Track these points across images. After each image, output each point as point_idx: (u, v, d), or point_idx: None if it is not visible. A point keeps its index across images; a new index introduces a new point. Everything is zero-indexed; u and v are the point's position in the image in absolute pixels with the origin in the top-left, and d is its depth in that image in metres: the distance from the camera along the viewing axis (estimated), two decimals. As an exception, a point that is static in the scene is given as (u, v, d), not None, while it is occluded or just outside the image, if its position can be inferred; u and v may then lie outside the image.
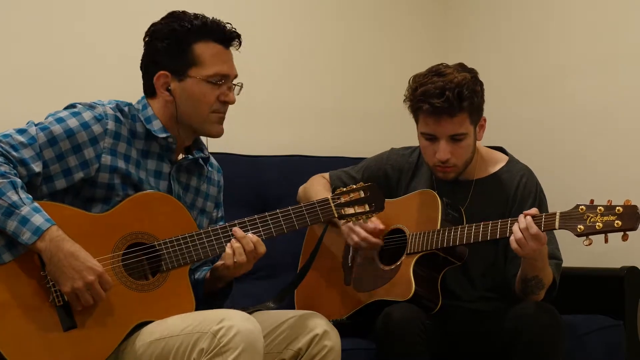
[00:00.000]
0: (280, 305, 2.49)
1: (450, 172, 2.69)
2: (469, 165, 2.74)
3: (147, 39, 2.35)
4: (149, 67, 2.35)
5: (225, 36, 2.33)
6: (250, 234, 2.29)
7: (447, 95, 2.56)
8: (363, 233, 2.70)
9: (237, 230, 2.28)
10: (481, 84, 2.67)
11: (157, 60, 2.32)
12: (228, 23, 2.36)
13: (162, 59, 2.31)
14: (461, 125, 2.61)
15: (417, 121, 2.70)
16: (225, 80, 2.33)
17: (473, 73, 2.66)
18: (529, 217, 2.43)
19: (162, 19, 2.35)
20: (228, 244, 2.27)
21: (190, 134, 2.39)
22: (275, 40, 3.58)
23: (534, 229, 2.41)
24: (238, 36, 2.36)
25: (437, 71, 2.63)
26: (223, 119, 2.37)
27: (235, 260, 2.27)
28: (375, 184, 2.50)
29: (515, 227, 2.44)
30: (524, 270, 2.58)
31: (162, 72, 2.31)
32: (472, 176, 2.76)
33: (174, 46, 2.29)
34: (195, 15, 2.32)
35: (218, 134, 2.38)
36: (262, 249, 2.30)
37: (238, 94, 2.38)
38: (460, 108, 2.58)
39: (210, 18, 2.33)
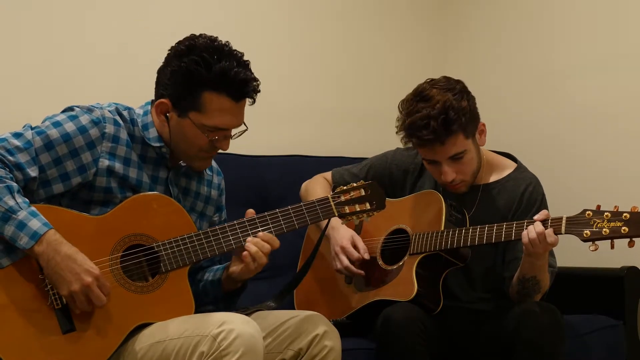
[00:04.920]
0: (281, 305, 2.49)
1: (461, 187, 2.70)
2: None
3: (169, 54, 2.30)
4: (158, 84, 2.32)
5: (240, 92, 2.27)
6: (261, 233, 2.29)
7: (432, 125, 2.54)
8: (345, 262, 2.71)
9: (262, 235, 2.29)
10: (468, 94, 2.64)
11: (166, 84, 2.28)
12: (254, 78, 2.28)
13: (170, 89, 2.27)
14: (457, 146, 2.60)
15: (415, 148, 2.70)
16: (222, 131, 2.30)
17: (457, 89, 2.62)
18: (550, 230, 2.42)
19: (188, 42, 2.26)
20: (245, 253, 2.27)
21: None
22: (275, 40, 3.58)
23: (553, 237, 2.42)
24: (254, 94, 2.30)
25: (421, 94, 2.61)
26: (211, 157, 2.37)
27: (256, 264, 2.28)
28: (380, 183, 2.50)
29: (531, 228, 2.44)
30: (523, 270, 2.57)
31: (164, 100, 2.29)
32: (480, 181, 2.76)
33: (183, 84, 2.25)
34: (219, 59, 2.23)
35: (201, 168, 2.40)
36: (277, 243, 2.31)
37: (237, 137, 2.35)
38: (448, 133, 2.57)
39: (235, 67, 2.24)
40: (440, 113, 2.55)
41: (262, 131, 3.47)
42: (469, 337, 2.66)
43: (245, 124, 2.34)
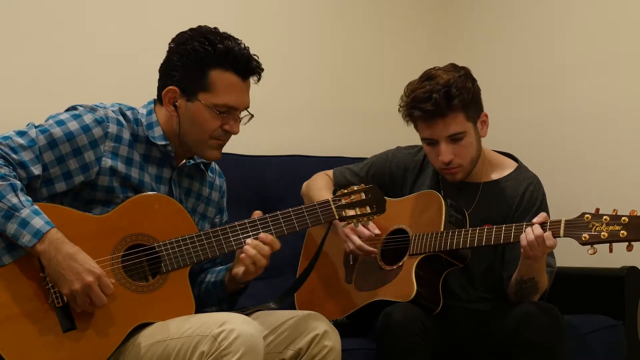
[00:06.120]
0: (281, 305, 2.49)
1: (457, 173, 2.69)
2: (477, 168, 2.74)
3: (171, 46, 2.33)
4: (163, 76, 2.33)
5: (246, 69, 2.31)
6: (262, 235, 2.30)
7: (435, 97, 2.57)
8: (358, 241, 2.71)
9: (263, 237, 2.29)
10: (473, 80, 2.67)
11: (172, 73, 2.30)
12: (255, 55, 2.32)
13: (177, 75, 2.29)
14: (457, 124, 2.61)
15: (415, 128, 2.70)
16: (232, 111, 2.31)
17: (463, 71, 2.65)
18: (548, 233, 2.42)
19: (191, 31, 2.32)
20: (244, 254, 2.27)
21: (188, 149, 2.38)
22: (275, 40, 3.59)
23: (551, 240, 2.42)
24: (259, 71, 2.33)
25: (427, 75, 2.64)
26: (222, 145, 2.36)
27: (255, 267, 2.28)
28: (380, 182, 2.52)
29: (529, 231, 2.44)
30: (521, 272, 2.58)
31: (172, 87, 2.30)
32: (480, 179, 2.76)
33: (191, 66, 2.27)
34: (222, 39, 2.28)
35: (213, 158, 2.38)
36: (277, 245, 2.31)
37: (246, 123, 2.37)
38: (450, 107, 2.58)
39: (237, 46, 2.29)
40: (443, 87, 2.58)
41: (262, 131, 3.48)
42: (469, 337, 2.66)
43: (249, 112, 2.35)
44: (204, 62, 2.26)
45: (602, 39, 3.45)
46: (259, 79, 2.35)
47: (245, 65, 2.30)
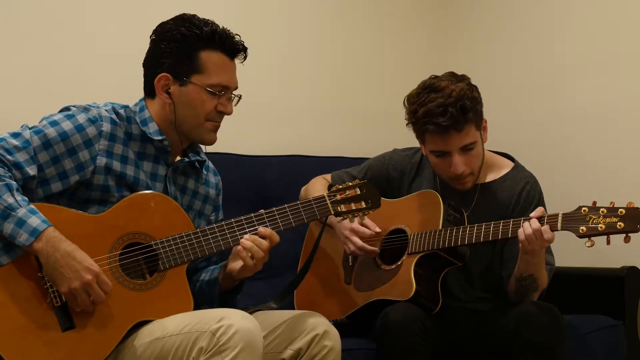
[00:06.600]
0: (281, 305, 2.49)
1: (468, 182, 2.70)
2: None
3: (153, 37, 2.36)
4: (152, 66, 2.35)
5: (233, 48, 2.34)
6: (261, 228, 2.30)
7: (451, 111, 2.54)
8: (359, 242, 2.71)
9: (262, 230, 2.30)
10: (476, 88, 2.66)
11: (161, 61, 2.32)
12: (237, 35, 2.36)
13: (167, 61, 2.31)
14: (469, 136, 2.61)
15: (423, 141, 2.69)
16: (225, 91, 2.34)
17: (466, 80, 2.65)
18: (546, 226, 2.42)
19: (172, 20, 2.36)
20: (240, 247, 2.27)
21: (185, 138, 2.39)
22: (275, 40, 3.59)
23: (549, 234, 2.42)
24: (244, 49, 2.37)
25: (431, 87, 2.61)
26: (217, 127, 2.38)
27: (254, 261, 2.28)
28: (377, 184, 2.49)
29: (527, 225, 2.44)
30: (520, 269, 2.58)
31: (164, 74, 2.31)
32: (477, 180, 2.76)
33: (180, 50, 2.30)
34: (205, 22, 2.33)
35: (210, 141, 2.39)
36: (276, 238, 2.31)
37: (236, 105, 2.39)
38: (466, 120, 2.57)
39: (220, 27, 2.33)
40: (457, 100, 2.56)
41: (262, 131, 3.49)
42: (468, 337, 2.66)
43: (235, 94, 2.38)
44: (193, 45, 2.30)
45: (602, 39, 3.45)
46: (244, 58, 2.38)
47: (231, 45, 2.33)
